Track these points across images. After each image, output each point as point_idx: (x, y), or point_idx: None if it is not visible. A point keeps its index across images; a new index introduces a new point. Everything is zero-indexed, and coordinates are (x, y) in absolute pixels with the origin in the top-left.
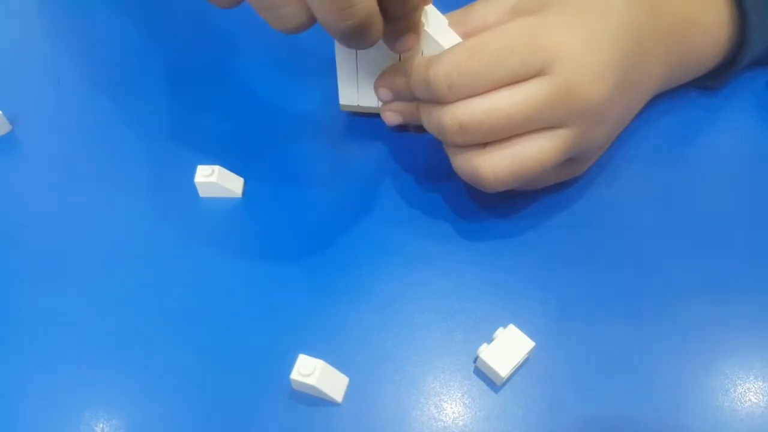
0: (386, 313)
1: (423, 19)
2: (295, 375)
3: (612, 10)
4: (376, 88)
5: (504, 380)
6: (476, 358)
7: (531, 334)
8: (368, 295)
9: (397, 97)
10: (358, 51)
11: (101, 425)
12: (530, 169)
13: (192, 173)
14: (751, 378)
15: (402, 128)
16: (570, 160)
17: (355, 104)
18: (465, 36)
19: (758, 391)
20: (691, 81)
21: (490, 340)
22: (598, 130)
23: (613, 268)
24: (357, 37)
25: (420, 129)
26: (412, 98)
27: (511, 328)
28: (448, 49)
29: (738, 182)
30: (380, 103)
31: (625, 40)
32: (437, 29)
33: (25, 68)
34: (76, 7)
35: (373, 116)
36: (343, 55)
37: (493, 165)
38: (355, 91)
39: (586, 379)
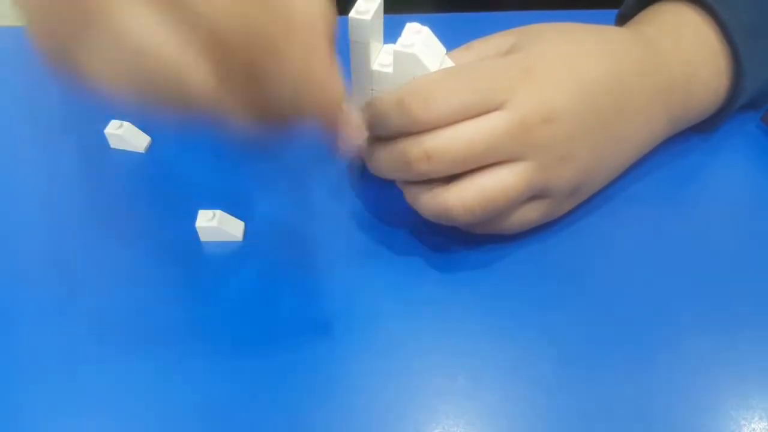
0: (389, 360)
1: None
2: None
3: (591, 65)
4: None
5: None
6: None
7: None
8: (369, 340)
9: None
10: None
11: None
12: (495, 199)
13: (193, 218)
14: (755, 419)
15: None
16: (543, 197)
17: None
18: None
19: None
20: None
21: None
22: (563, 168)
23: (611, 310)
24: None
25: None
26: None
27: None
28: (424, 75)
29: (737, 223)
30: None
31: (601, 92)
32: (429, 54)
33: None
34: None
35: None
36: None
37: (460, 197)
38: None
39: (583, 424)
